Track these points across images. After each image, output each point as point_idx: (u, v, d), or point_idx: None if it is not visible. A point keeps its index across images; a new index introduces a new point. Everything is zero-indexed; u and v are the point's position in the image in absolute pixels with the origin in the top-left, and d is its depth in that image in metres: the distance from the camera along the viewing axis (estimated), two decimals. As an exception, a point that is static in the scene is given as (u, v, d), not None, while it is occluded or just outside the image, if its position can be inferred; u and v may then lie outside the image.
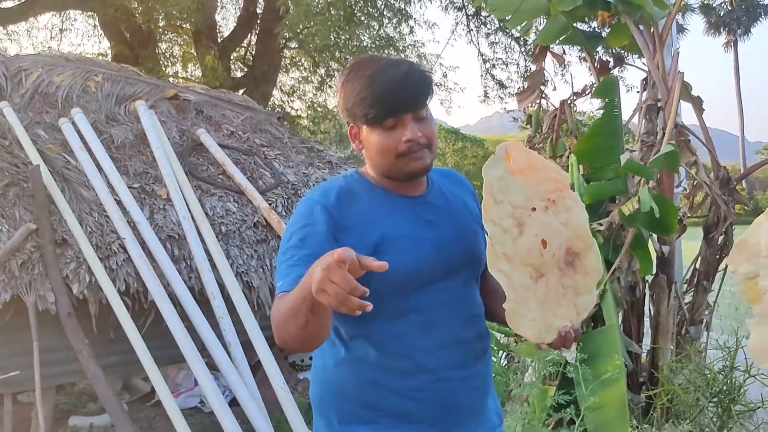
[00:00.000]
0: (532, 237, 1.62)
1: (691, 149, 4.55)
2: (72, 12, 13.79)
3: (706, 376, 3.86)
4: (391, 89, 1.59)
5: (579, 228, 1.68)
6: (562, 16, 4.75)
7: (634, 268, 4.20)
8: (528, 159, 1.66)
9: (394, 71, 1.62)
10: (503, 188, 1.62)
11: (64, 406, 5.42)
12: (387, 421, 1.65)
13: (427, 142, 1.64)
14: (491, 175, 1.61)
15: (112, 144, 5.50)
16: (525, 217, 1.63)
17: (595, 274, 1.69)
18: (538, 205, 1.65)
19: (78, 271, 4.29)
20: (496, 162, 1.63)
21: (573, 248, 1.68)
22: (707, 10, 45.44)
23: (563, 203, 1.67)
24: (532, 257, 1.62)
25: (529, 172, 1.65)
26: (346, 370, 1.68)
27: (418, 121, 1.63)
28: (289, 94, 14.72)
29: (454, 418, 1.69)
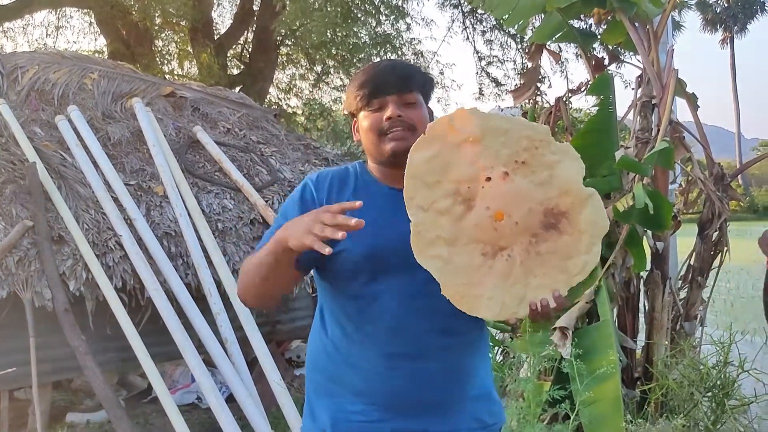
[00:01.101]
0: (482, 211, 1.54)
1: (686, 146, 4.57)
2: (68, 9, 13.77)
3: (700, 371, 3.89)
4: (377, 74, 1.72)
5: (566, 183, 1.57)
6: (557, 13, 4.77)
7: (628, 264, 4.22)
8: (485, 124, 1.56)
9: (385, 62, 1.77)
10: (438, 168, 1.54)
11: (61, 403, 5.42)
12: (348, 397, 1.73)
13: (410, 123, 1.69)
14: (417, 158, 1.55)
15: (109, 141, 5.50)
16: (476, 190, 1.54)
17: (591, 229, 1.57)
18: (495, 174, 1.54)
19: (75, 267, 4.30)
20: (424, 142, 1.56)
21: (558, 207, 1.57)
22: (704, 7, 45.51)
23: (541, 161, 1.57)
24: (483, 233, 1.54)
25: (487, 138, 1.55)
26: (320, 344, 1.80)
27: (405, 106, 1.70)
28: (285, 91, 14.71)
29: (404, 409, 1.69)
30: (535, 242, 1.55)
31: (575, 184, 1.57)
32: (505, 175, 1.54)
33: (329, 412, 1.75)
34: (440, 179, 1.54)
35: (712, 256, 4.49)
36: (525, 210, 1.54)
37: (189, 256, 4.79)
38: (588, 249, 1.57)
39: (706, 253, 4.48)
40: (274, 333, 5.64)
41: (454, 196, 1.54)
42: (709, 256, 4.49)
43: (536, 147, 1.56)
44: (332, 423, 1.74)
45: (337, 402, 1.74)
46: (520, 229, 1.54)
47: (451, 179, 1.54)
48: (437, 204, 1.54)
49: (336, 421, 1.73)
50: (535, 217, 1.55)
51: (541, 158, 1.56)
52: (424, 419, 1.71)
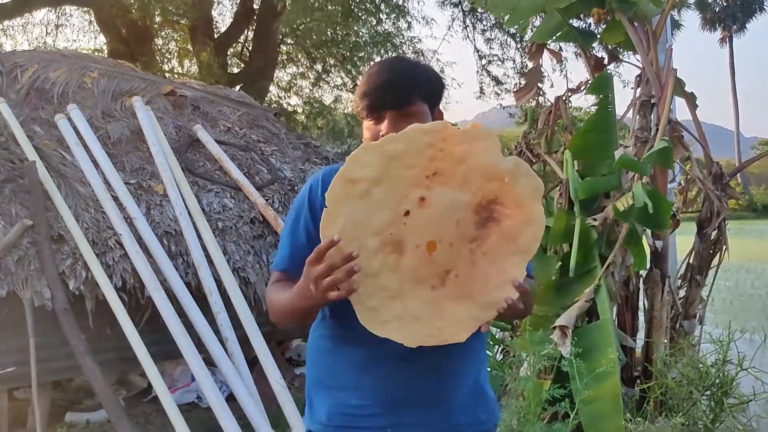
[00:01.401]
0: (414, 251, 1.49)
1: (685, 145, 4.58)
2: (68, 8, 13.76)
3: (699, 370, 3.89)
4: (376, 87, 1.70)
5: (484, 168, 1.50)
6: (557, 13, 4.77)
7: (628, 263, 4.23)
8: (382, 158, 1.48)
9: (387, 71, 1.73)
10: (352, 232, 1.46)
11: (61, 403, 5.42)
12: (344, 391, 1.76)
13: None
14: (328, 234, 1.47)
15: (109, 140, 5.51)
16: (400, 231, 1.49)
17: (527, 197, 1.51)
18: (411, 203, 1.48)
19: (74, 267, 4.31)
20: (328, 217, 1.48)
21: (485, 197, 1.51)
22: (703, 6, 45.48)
23: (451, 159, 1.49)
24: (424, 270, 1.50)
25: (389, 170, 1.48)
26: (319, 339, 1.83)
27: (402, 119, 1.67)
28: (285, 90, 14.71)
29: (398, 404, 1.71)
30: (477, 246, 1.52)
31: (493, 166, 1.50)
32: (421, 201, 1.48)
33: (326, 405, 1.78)
34: (360, 242, 1.47)
35: (711, 255, 4.50)
36: (453, 225, 1.50)
37: (189, 255, 4.79)
38: (530, 218, 1.52)
39: (705, 251, 4.49)
40: (275, 332, 5.63)
41: (382, 250, 1.49)
42: (708, 255, 4.50)
43: (441, 149, 1.49)
44: (328, 416, 1.78)
45: (333, 395, 1.77)
46: (456, 247, 1.51)
47: (371, 234, 1.48)
48: (369, 268, 1.48)
49: (332, 413, 1.77)
50: (467, 225, 1.51)
51: (451, 156, 1.49)
52: (418, 415, 1.73)
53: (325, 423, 1.79)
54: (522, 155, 5.12)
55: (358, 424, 1.75)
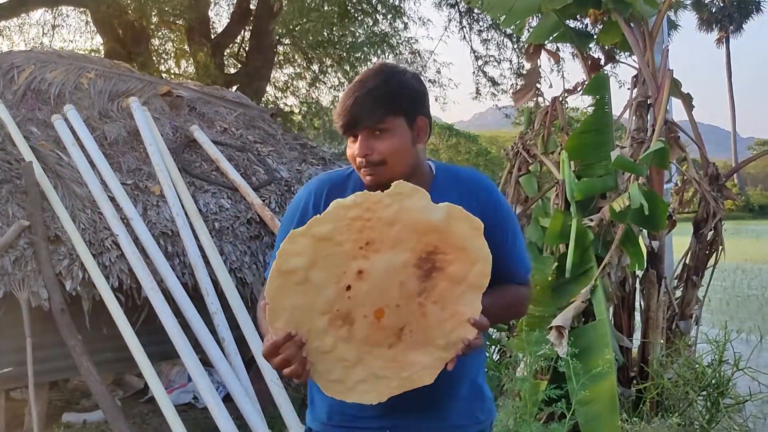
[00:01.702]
0: (363, 321, 1.52)
1: (681, 146, 4.60)
2: (64, 8, 13.73)
3: (695, 370, 3.91)
4: (350, 107, 1.70)
5: (416, 224, 1.52)
6: (553, 14, 4.79)
7: (624, 263, 4.24)
8: (311, 240, 1.50)
9: (358, 89, 1.71)
10: (300, 319, 1.51)
11: (58, 403, 5.42)
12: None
13: (379, 159, 1.69)
14: (276, 329, 1.51)
15: (105, 141, 5.50)
16: (346, 305, 1.52)
17: (466, 238, 1.53)
18: (350, 278, 1.51)
19: (71, 267, 4.30)
20: (273, 315, 1.51)
21: (425, 250, 1.52)
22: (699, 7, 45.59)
23: (380, 225, 1.51)
24: (377, 336, 1.54)
25: (320, 250, 1.51)
26: None
27: (375, 137, 1.69)
28: (282, 91, 14.70)
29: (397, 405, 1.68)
30: (425, 298, 1.53)
31: (424, 219, 1.52)
32: (359, 274, 1.50)
33: (326, 404, 1.79)
34: (309, 325, 1.51)
35: (707, 255, 4.52)
36: (397, 288, 1.52)
37: (186, 255, 4.79)
38: (476, 257, 1.54)
39: (702, 252, 4.50)
40: (271, 332, 5.64)
41: (332, 326, 1.52)
42: (704, 255, 4.51)
43: (368, 218, 1.51)
44: (329, 415, 1.79)
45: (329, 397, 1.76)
46: (404, 306, 1.53)
47: (317, 315, 1.52)
48: (322, 347, 1.53)
49: (332, 413, 1.78)
50: (410, 282, 1.52)
51: (380, 222, 1.51)
52: (417, 416, 1.74)
53: (325, 422, 1.80)
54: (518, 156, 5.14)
55: (357, 424, 1.76)
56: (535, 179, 5.13)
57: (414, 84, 1.77)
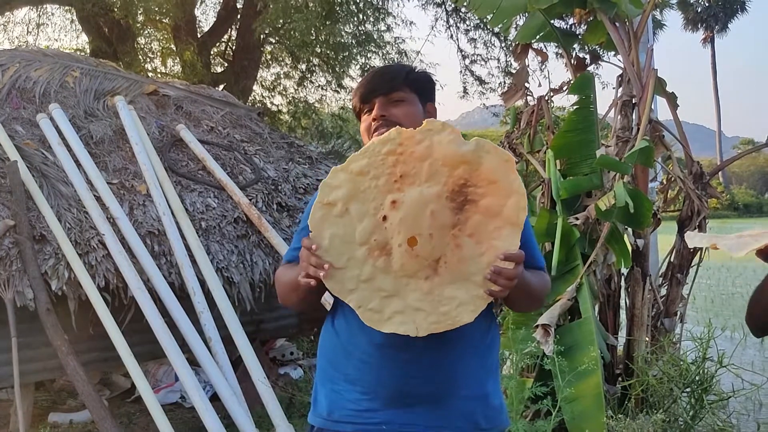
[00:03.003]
0: (398, 250, 1.57)
1: (666, 144, 4.63)
2: (49, 6, 13.63)
3: (679, 367, 3.94)
4: (367, 79, 1.89)
5: (447, 158, 1.56)
6: (539, 13, 4.81)
7: (609, 261, 4.27)
8: (350, 175, 1.59)
9: (374, 71, 1.91)
10: (340, 247, 1.59)
11: (44, 403, 5.40)
12: (344, 385, 1.80)
13: (394, 121, 1.79)
14: (320, 252, 1.61)
15: (91, 140, 5.47)
16: (383, 235, 1.58)
17: (499, 172, 1.56)
18: (386, 209, 1.57)
19: (57, 267, 4.28)
20: (315, 238, 1.60)
21: (457, 183, 1.56)
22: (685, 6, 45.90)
23: (414, 159, 1.57)
24: (412, 266, 1.57)
25: (358, 185, 1.58)
26: (326, 331, 1.90)
27: (391, 104, 1.83)
28: (269, 90, 14.67)
29: (394, 400, 1.73)
30: (460, 230, 1.57)
31: (455, 153, 1.56)
32: (393, 204, 1.57)
33: (328, 399, 1.82)
34: (350, 254, 1.59)
35: (691, 254, 4.55)
36: (428, 217, 1.56)
37: (172, 254, 4.78)
38: (509, 191, 1.56)
39: (686, 250, 4.54)
40: (259, 332, 5.64)
41: (371, 256, 1.59)
42: (688, 254, 4.55)
43: (401, 152, 1.58)
44: (329, 410, 1.81)
45: (335, 389, 1.81)
46: (437, 236, 1.56)
47: (357, 244, 1.59)
48: (363, 275, 1.59)
49: (333, 408, 1.81)
50: (443, 213, 1.56)
51: (412, 156, 1.57)
52: (415, 412, 1.73)
53: (325, 417, 1.82)
54: (505, 155, 5.14)
55: (357, 419, 1.76)
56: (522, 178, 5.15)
57: (425, 73, 1.97)
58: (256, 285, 5.06)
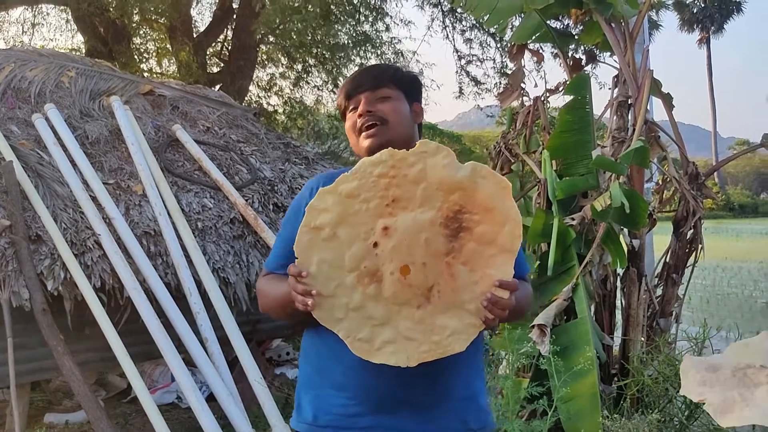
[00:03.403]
0: (389, 278, 1.52)
1: (661, 145, 4.63)
2: (44, 6, 13.61)
3: (675, 367, 3.94)
4: (354, 77, 1.88)
5: (441, 182, 1.52)
6: (536, 14, 4.81)
7: (605, 261, 4.28)
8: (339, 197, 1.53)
9: (360, 69, 1.94)
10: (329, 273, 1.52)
11: (39, 403, 5.39)
12: (330, 390, 1.76)
13: (380, 117, 1.79)
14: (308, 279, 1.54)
15: (87, 140, 5.47)
16: (374, 261, 1.52)
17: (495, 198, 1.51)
18: (377, 235, 1.52)
19: (53, 267, 4.28)
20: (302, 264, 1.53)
21: (451, 209, 1.52)
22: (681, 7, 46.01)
23: (406, 183, 1.52)
24: (404, 294, 1.52)
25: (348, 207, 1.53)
26: (312, 336, 1.84)
27: (378, 101, 1.81)
28: (265, 90, 14.66)
29: (383, 405, 1.70)
30: (454, 258, 1.53)
31: (450, 178, 1.52)
32: (385, 230, 1.52)
33: (313, 404, 1.78)
34: (338, 281, 1.53)
35: (687, 254, 4.56)
36: (422, 245, 1.51)
37: (168, 255, 4.77)
38: (505, 217, 1.52)
39: (682, 250, 4.54)
40: (255, 332, 5.64)
41: (360, 283, 1.53)
42: (684, 254, 4.55)
43: (394, 176, 1.52)
44: (314, 415, 1.77)
45: (319, 395, 1.77)
46: (431, 264, 1.52)
47: (347, 271, 1.53)
48: (352, 303, 1.53)
49: (318, 413, 1.77)
50: (437, 241, 1.52)
51: (405, 179, 1.52)
52: (404, 417, 1.71)
53: (310, 422, 1.78)
54: (501, 155, 5.16)
55: (343, 424, 1.73)
56: (518, 178, 5.15)
57: (413, 74, 1.95)
58: (252, 285, 5.06)
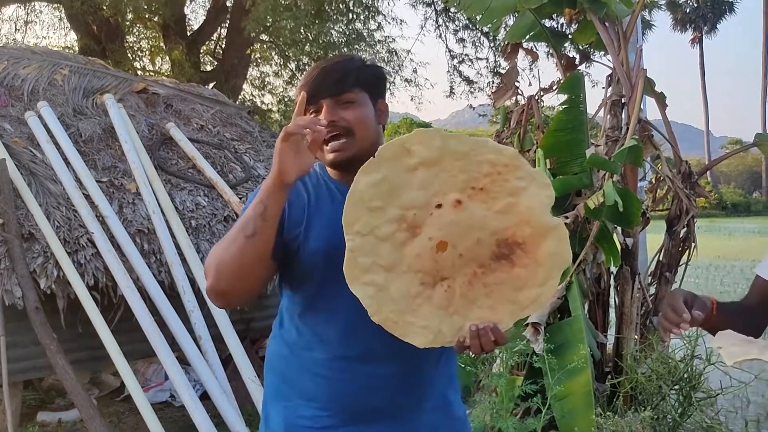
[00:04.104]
0: (425, 241, 1.48)
1: (655, 144, 4.65)
2: (37, 4, 13.59)
3: (668, 365, 3.96)
4: (312, 79, 1.66)
5: (528, 212, 1.49)
6: (529, 13, 4.82)
7: (599, 260, 4.29)
8: (444, 146, 1.49)
9: (324, 63, 1.71)
10: (384, 192, 1.47)
11: (32, 402, 5.37)
12: (299, 401, 1.70)
13: (345, 127, 1.64)
14: (363, 182, 1.48)
15: (80, 138, 5.45)
16: (423, 218, 1.48)
17: (550, 262, 1.49)
18: (447, 201, 1.48)
19: (45, 265, 4.26)
20: (372, 165, 1.48)
21: (513, 237, 1.50)
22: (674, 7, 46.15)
23: (502, 187, 1.49)
24: (423, 263, 1.48)
25: (444, 161, 1.49)
26: (277, 346, 1.78)
27: (340, 107, 1.65)
28: (259, 88, 14.65)
29: (355, 415, 1.67)
30: (482, 273, 1.50)
31: (538, 214, 1.49)
32: (457, 204, 1.49)
33: (282, 416, 1.72)
34: (385, 205, 1.48)
35: (680, 252, 4.58)
36: (472, 241, 1.49)
37: (162, 253, 4.76)
38: (543, 282, 1.50)
39: (675, 249, 4.56)
40: (249, 330, 5.64)
41: (399, 223, 1.49)
42: (677, 252, 4.57)
43: (499, 172, 1.49)
44: (285, 428, 1.71)
45: (289, 406, 1.72)
46: (464, 260, 1.49)
47: (397, 205, 1.49)
48: (379, 230, 1.48)
49: (288, 426, 1.71)
50: (484, 248, 1.50)
51: (504, 184, 1.49)
52: (376, 427, 1.68)
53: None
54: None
55: None
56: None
57: (376, 68, 1.79)
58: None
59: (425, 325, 1.49)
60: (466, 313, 1.50)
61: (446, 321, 1.50)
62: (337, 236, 1.52)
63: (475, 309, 1.50)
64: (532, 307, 1.52)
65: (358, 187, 1.48)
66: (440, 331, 1.50)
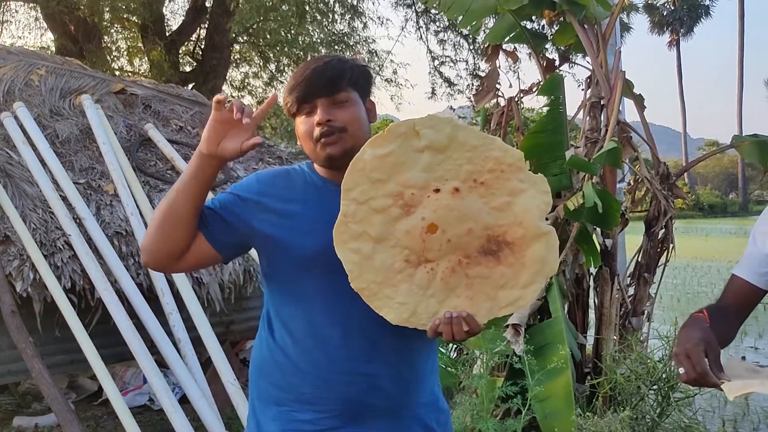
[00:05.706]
0: (417, 220, 1.51)
1: (633, 146, 4.69)
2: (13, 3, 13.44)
3: (647, 365, 3.99)
4: (304, 77, 1.67)
5: (523, 214, 1.52)
6: (509, 15, 4.84)
7: (579, 261, 4.32)
8: (454, 135, 1.52)
9: (314, 63, 1.71)
10: (387, 166, 1.51)
11: (8, 407, 5.30)
12: (296, 405, 1.70)
13: (340, 126, 1.65)
14: (369, 153, 1.52)
15: (57, 139, 5.39)
16: (420, 199, 1.51)
17: (535, 266, 1.52)
18: (446, 187, 1.51)
19: (21, 268, 4.20)
20: (381, 139, 1.52)
21: (504, 236, 1.52)
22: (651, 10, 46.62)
23: (503, 186, 1.52)
24: (412, 241, 1.51)
25: (451, 149, 1.52)
26: (266, 350, 1.76)
27: (335, 106, 1.66)
28: (239, 89, 14.59)
29: (355, 415, 1.67)
30: (467, 264, 1.52)
31: (533, 218, 1.52)
32: (455, 191, 1.51)
33: (278, 422, 1.71)
34: (386, 178, 1.52)
35: (658, 253, 4.62)
36: (463, 230, 1.51)
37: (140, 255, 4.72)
38: (525, 285, 1.53)
39: (653, 250, 4.60)
40: (228, 333, 5.60)
41: (395, 198, 1.52)
42: (655, 253, 4.61)
43: (502, 170, 1.52)
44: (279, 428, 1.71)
45: (284, 411, 1.70)
46: (451, 246, 1.51)
47: (397, 181, 1.52)
48: (375, 201, 1.52)
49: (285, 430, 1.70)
50: (473, 240, 1.52)
51: (505, 183, 1.53)
52: (376, 425, 1.69)
53: None
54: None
55: None
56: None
57: (365, 67, 1.82)
58: (225, 286, 5.02)
59: (402, 301, 1.52)
60: (444, 299, 1.53)
61: (423, 302, 1.53)
62: (329, 236, 1.54)
63: (453, 297, 1.53)
64: (510, 309, 1.54)
65: (363, 157, 1.52)
66: (415, 312, 1.53)
